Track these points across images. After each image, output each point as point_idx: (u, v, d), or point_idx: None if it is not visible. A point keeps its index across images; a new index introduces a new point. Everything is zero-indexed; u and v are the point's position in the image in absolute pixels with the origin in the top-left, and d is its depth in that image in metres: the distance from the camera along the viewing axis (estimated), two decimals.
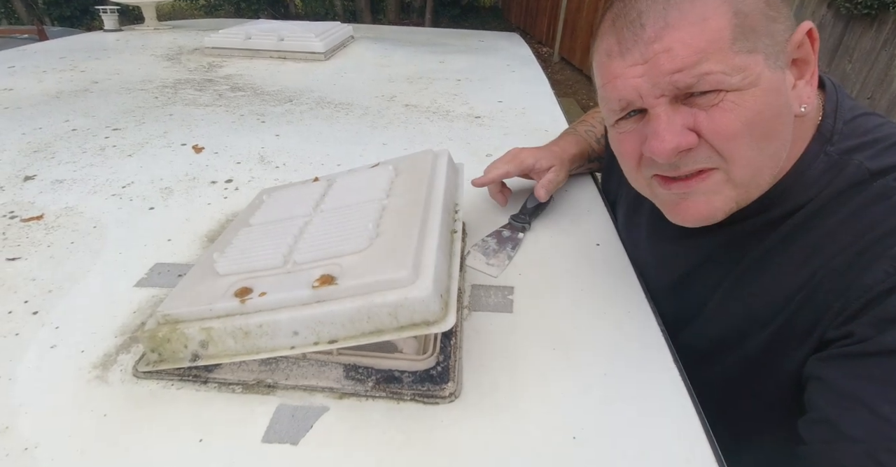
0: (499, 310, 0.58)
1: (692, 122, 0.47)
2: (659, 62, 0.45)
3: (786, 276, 0.52)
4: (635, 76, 0.47)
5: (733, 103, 0.45)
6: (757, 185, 0.50)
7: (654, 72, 0.46)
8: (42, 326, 0.54)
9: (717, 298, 0.59)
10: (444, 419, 0.45)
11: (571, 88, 5.52)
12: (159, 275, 0.62)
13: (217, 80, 1.43)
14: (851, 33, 2.98)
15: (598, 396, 0.47)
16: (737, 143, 0.47)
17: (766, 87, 0.45)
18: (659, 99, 0.47)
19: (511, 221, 0.74)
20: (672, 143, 0.47)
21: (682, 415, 0.46)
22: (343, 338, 0.44)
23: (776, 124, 0.47)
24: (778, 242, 0.53)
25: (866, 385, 0.42)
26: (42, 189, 0.81)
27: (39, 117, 1.10)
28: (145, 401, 0.46)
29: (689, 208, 0.52)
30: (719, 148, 0.47)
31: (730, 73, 0.44)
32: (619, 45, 0.48)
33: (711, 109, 0.46)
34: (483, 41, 2.12)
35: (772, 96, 0.46)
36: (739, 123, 0.46)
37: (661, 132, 0.47)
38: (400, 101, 1.30)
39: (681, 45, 0.44)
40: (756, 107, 0.45)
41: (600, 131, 0.89)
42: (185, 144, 1.00)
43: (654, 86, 0.47)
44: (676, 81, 0.45)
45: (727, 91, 0.45)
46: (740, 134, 0.46)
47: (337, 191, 0.63)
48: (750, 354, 0.56)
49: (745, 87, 0.45)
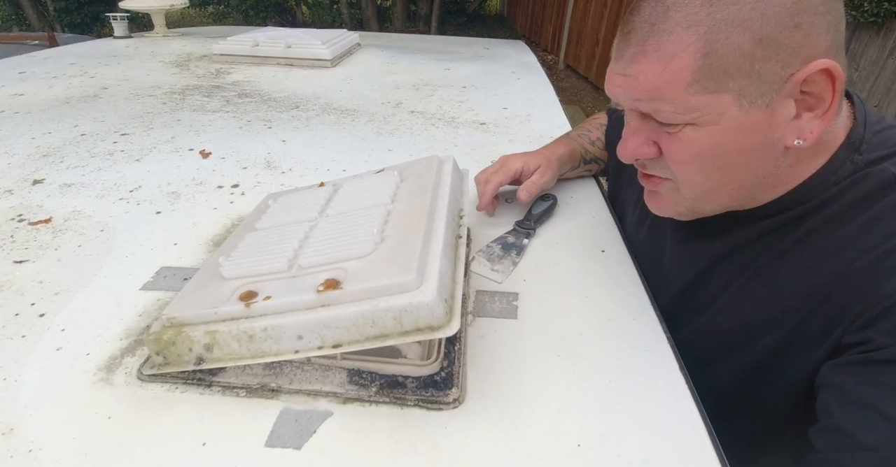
0: (503, 315, 0.58)
1: (656, 137, 0.51)
2: (629, 83, 0.49)
3: (802, 278, 0.51)
4: (617, 84, 0.50)
5: (689, 136, 0.48)
6: (708, 201, 0.53)
7: (626, 88, 0.49)
8: (48, 329, 0.54)
9: (728, 296, 0.58)
10: (448, 425, 0.44)
11: (577, 96, 5.53)
12: (165, 279, 0.62)
13: (225, 87, 1.44)
14: (858, 41, 2.98)
15: (603, 403, 0.47)
16: (685, 169, 0.51)
17: (729, 126, 0.46)
18: (631, 111, 0.52)
19: (516, 227, 0.74)
20: (630, 152, 0.53)
21: (687, 423, 0.45)
22: (347, 342, 0.44)
23: (737, 157, 0.48)
24: (796, 243, 0.52)
25: (882, 393, 0.41)
26: (50, 193, 0.82)
27: (49, 122, 1.11)
28: (149, 404, 0.46)
29: (651, 200, 0.59)
30: (671, 167, 0.52)
31: (682, 112, 0.46)
32: (615, 50, 0.51)
33: (672, 135, 0.49)
34: (488, 49, 2.13)
35: (737, 134, 0.46)
36: (689, 154, 0.49)
37: (626, 139, 0.53)
38: (406, 108, 1.31)
39: (643, 77, 0.47)
40: (709, 143, 0.47)
41: (596, 135, 0.90)
42: (192, 149, 1.00)
43: (625, 99, 0.51)
44: (637, 106, 0.50)
45: (685, 124, 0.48)
46: (688, 162, 0.50)
47: (342, 197, 0.64)
48: (759, 356, 0.55)
49: (702, 123, 0.47)
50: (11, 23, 8.06)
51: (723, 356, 0.60)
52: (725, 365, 0.59)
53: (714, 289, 0.60)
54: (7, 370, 0.49)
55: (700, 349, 0.59)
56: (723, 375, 0.60)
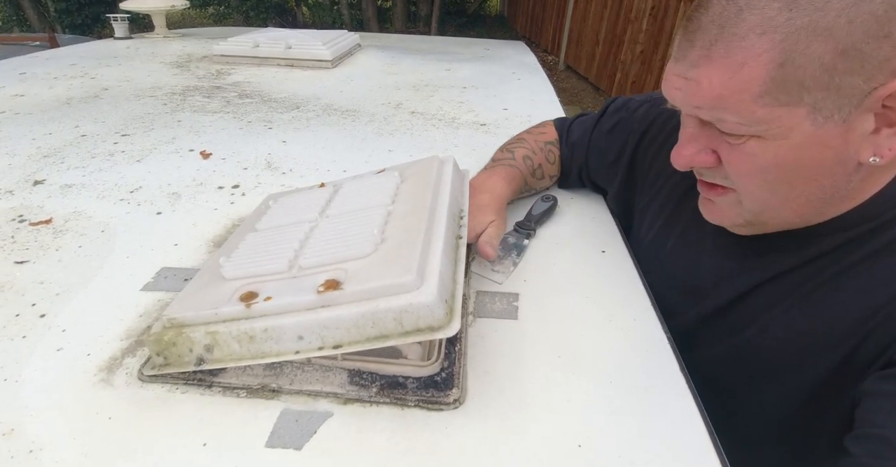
0: (504, 316, 0.58)
1: (716, 146, 0.48)
2: (690, 88, 0.45)
3: (864, 297, 0.49)
4: (676, 87, 0.47)
5: (753, 149, 0.44)
6: (773, 216, 0.50)
7: (686, 92, 0.46)
8: (49, 329, 0.54)
9: (775, 315, 0.55)
10: (448, 425, 0.44)
11: (577, 96, 5.53)
12: (166, 280, 0.62)
13: (225, 87, 1.44)
14: None
15: (603, 404, 0.47)
16: (748, 182, 0.47)
17: (799, 141, 0.43)
18: (689, 117, 0.48)
19: (516, 228, 0.74)
20: (685, 159, 0.49)
21: (688, 424, 0.45)
22: (348, 342, 0.44)
23: (807, 173, 0.45)
24: (857, 263, 0.49)
25: None
26: (51, 193, 0.82)
27: (49, 123, 1.12)
28: (150, 405, 0.46)
29: (707, 209, 0.56)
30: (732, 178, 0.48)
31: (747, 123, 0.43)
32: (677, 50, 0.47)
33: (734, 145, 0.46)
34: (489, 49, 2.13)
35: (808, 149, 0.43)
36: (752, 167, 0.45)
37: (682, 145, 0.50)
38: (406, 109, 1.31)
39: (707, 84, 0.43)
40: (776, 159, 0.44)
41: (540, 158, 0.81)
42: (192, 150, 1.00)
43: (684, 104, 0.47)
44: (698, 113, 0.46)
45: (749, 136, 0.44)
46: (752, 175, 0.46)
47: (343, 197, 0.64)
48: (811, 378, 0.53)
49: (770, 137, 0.43)
50: (12, 24, 8.07)
51: (764, 376, 0.57)
52: (773, 385, 0.57)
53: (758, 308, 0.57)
54: (8, 370, 0.49)
55: (736, 368, 0.58)
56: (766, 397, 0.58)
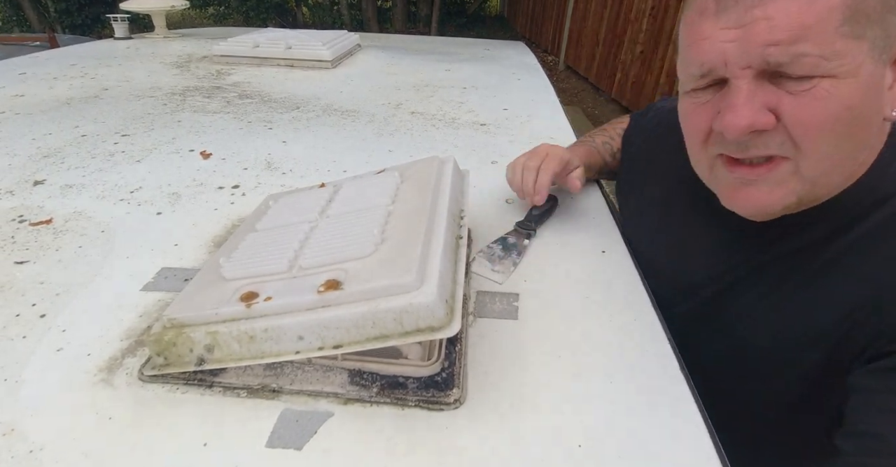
0: (504, 316, 0.58)
1: (775, 103, 0.43)
2: (755, 30, 0.41)
3: (849, 289, 0.48)
4: (726, 40, 0.43)
5: (826, 92, 0.41)
6: (825, 184, 0.47)
7: (747, 39, 0.42)
8: (49, 329, 0.54)
9: (769, 306, 0.55)
10: (449, 426, 0.44)
11: (577, 97, 5.54)
12: (166, 280, 0.62)
13: (225, 88, 1.44)
14: None
15: (604, 404, 0.47)
16: (817, 136, 0.43)
17: (865, 81, 0.41)
18: (745, 70, 0.43)
19: (516, 228, 0.74)
20: (747, 120, 0.43)
21: (689, 425, 0.45)
22: (348, 343, 0.44)
23: (863, 123, 0.43)
24: (845, 250, 0.49)
25: None
26: (51, 193, 0.82)
27: (49, 123, 1.12)
28: (150, 405, 0.46)
29: (748, 196, 0.49)
30: (797, 137, 0.44)
31: (829, 57, 0.40)
32: (716, 4, 0.44)
33: (800, 94, 0.42)
34: (489, 50, 2.13)
35: (868, 91, 0.42)
36: (827, 115, 0.42)
37: (739, 106, 0.43)
38: (406, 109, 1.31)
39: (784, 16, 0.40)
40: (848, 100, 0.41)
41: (618, 145, 0.86)
42: (192, 150, 1.00)
43: (743, 54, 0.42)
44: (769, 55, 0.41)
45: (822, 77, 0.41)
46: (824, 127, 0.42)
47: (343, 197, 0.64)
48: (806, 369, 0.53)
49: (843, 75, 0.41)
50: (12, 24, 8.08)
51: (758, 366, 0.57)
52: (759, 374, 0.57)
53: (751, 299, 0.57)
54: (8, 370, 0.49)
55: (728, 358, 0.58)
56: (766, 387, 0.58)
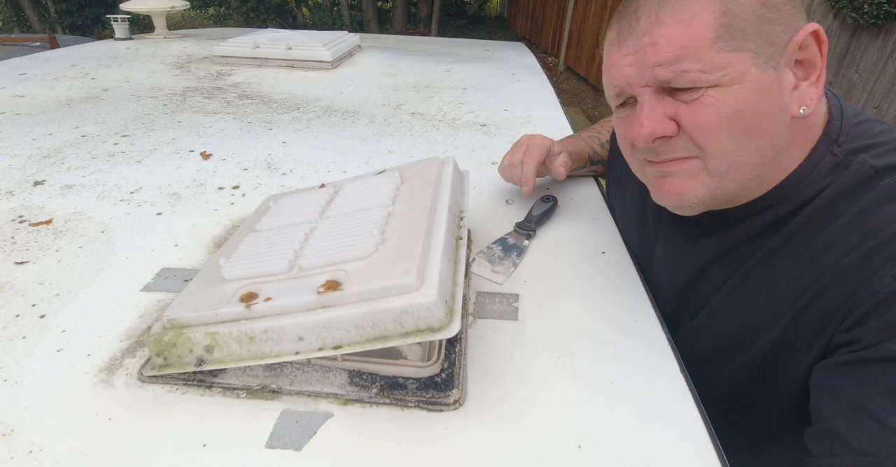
0: (504, 317, 0.58)
1: (673, 113, 0.50)
2: (645, 54, 0.48)
3: (792, 277, 0.51)
4: (626, 64, 0.50)
5: (713, 99, 0.47)
6: (735, 178, 0.51)
7: (641, 63, 0.49)
8: (49, 330, 0.54)
9: (721, 298, 0.58)
10: (449, 426, 0.44)
11: (577, 97, 5.54)
12: (166, 280, 0.62)
13: (225, 88, 1.44)
14: (858, 43, 2.98)
15: (603, 404, 0.47)
16: (714, 136, 0.49)
17: (752, 86, 0.46)
18: (644, 88, 0.50)
19: (516, 229, 0.74)
20: (649, 129, 0.50)
21: (688, 424, 0.45)
22: (348, 343, 0.44)
23: (760, 122, 0.48)
24: (784, 242, 0.52)
25: (873, 394, 0.41)
26: (51, 194, 0.82)
27: (50, 123, 1.12)
28: (150, 406, 0.46)
29: (668, 188, 0.54)
30: (697, 140, 0.50)
31: (708, 71, 0.46)
32: (618, 36, 0.51)
33: (692, 103, 0.48)
34: (489, 51, 2.13)
35: (758, 94, 0.47)
36: (716, 118, 0.47)
37: (642, 118, 0.51)
38: (406, 110, 1.31)
39: (665, 41, 0.47)
40: (736, 104, 0.47)
41: (605, 137, 0.90)
42: (192, 151, 1.00)
43: (639, 75, 0.50)
44: (657, 74, 0.48)
45: (707, 87, 0.47)
46: (717, 127, 0.48)
47: (343, 198, 0.64)
48: (755, 358, 0.55)
49: (727, 83, 0.46)
50: (12, 24, 8.08)
51: (719, 357, 0.59)
52: (723, 366, 0.59)
53: (708, 291, 0.60)
54: (8, 371, 0.49)
55: (697, 350, 0.59)
56: (722, 376, 0.60)
